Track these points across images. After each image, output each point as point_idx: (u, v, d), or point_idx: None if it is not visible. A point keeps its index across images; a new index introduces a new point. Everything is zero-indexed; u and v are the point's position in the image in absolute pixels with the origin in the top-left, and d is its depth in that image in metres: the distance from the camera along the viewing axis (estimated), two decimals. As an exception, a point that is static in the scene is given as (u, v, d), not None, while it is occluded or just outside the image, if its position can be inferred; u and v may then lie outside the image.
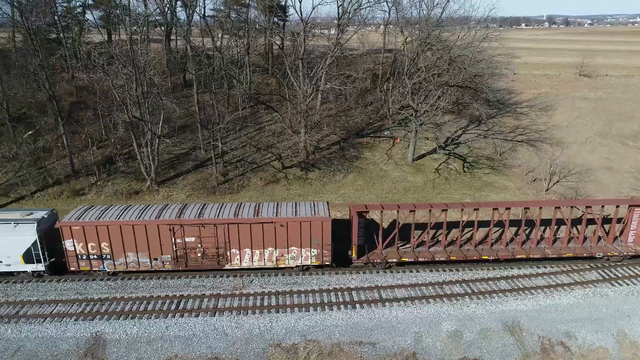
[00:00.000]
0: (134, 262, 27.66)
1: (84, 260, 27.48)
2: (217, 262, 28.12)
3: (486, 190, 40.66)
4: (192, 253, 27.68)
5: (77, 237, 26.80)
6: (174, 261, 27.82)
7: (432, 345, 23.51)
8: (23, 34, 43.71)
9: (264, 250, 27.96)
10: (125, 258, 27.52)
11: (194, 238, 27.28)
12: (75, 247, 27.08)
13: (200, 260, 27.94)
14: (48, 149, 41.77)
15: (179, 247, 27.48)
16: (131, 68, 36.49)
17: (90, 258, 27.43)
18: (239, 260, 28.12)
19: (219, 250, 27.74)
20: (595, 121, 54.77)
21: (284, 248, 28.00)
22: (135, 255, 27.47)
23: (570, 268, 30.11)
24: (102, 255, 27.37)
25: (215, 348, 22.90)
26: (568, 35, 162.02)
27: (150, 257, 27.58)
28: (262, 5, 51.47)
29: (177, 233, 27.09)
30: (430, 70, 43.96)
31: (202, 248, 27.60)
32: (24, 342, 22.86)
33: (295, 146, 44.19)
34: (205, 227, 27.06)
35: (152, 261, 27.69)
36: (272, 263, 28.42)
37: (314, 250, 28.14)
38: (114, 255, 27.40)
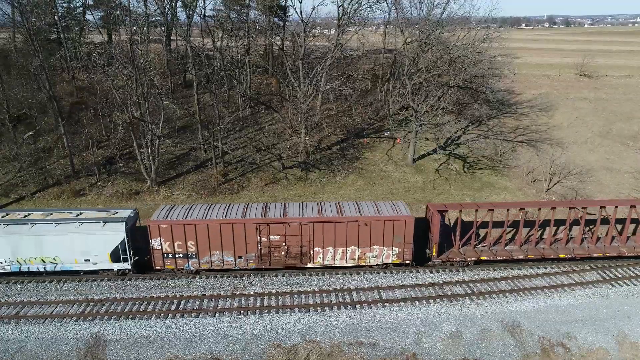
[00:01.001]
0: (218, 261, 28.02)
1: (170, 258, 27.80)
2: (300, 261, 28.49)
3: (486, 191, 40.66)
4: (276, 251, 28.06)
5: (165, 235, 27.11)
6: (258, 259, 28.21)
7: (432, 346, 23.52)
8: (23, 35, 43.72)
9: (346, 248, 28.33)
10: (210, 257, 27.86)
11: (279, 236, 27.65)
12: (162, 246, 27.40)
13: (283, 258, 28.32)
14: (48, 149, 41.79)
15: (263, 246, 27.85)
16: (131, 68, 36.50)
17: (176, 256, 27.75)
18: (321, 258, 28.53)
19: (303, 249, 28.11)
20: (596, 121, 54.77)
21: (367, 247, 28.39)
22: (221, 254, 27.81)
23: (570, 269, 30.11)
24: (187, 254, 27.70)
25: (215, 349, 22.91)
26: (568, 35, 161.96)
27: (235, 256, 27.95)
28: (262, 5, 51.47)
29: (262, 231, 27.48)
30: (431, 70, 43.97)
31: (286, 246, 27.98)
32: (25, 343, 22.88)
33: (296, 146, 44.20)
34: (290, 226, 27.48)
35: (237, 259, 28.09)
36: (354, 261, 28.81)
37: (395, 248, 28.55)
38: (199, 254, 27.72)
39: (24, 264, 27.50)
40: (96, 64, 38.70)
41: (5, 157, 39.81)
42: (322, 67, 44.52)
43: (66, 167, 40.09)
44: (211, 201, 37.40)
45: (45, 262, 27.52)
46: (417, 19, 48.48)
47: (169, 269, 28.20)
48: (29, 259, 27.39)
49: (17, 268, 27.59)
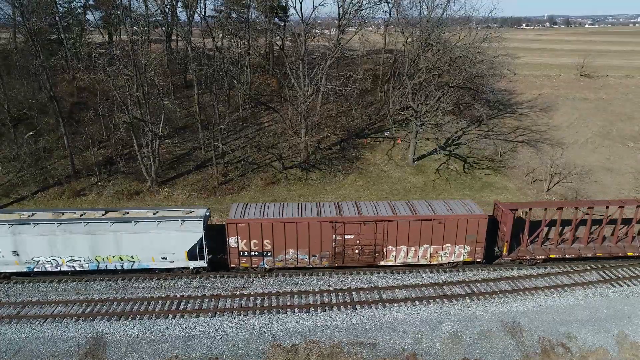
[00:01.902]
0: (292, 259, 28.31)
1: (245, 257, 28.07)
2: (373, 259, 28.74)
3: (486, 191, 40.67)
4: (350, 250, 28.31)
5: (242, 234, 27.37)
6: (331, 258, 28.49)
7: (432, 346, 23.53)
8: (24, 35, 43.73)
9: (419, 247, 28.59)
10: (285, 255, 28.11)
11: (353, 235, 27.91)
12: (238, 244, 27.65)
13: (356, 257, 28.55)
14: (49, 149, 41.82)
15: (338, 244, 28.09)
16: (132, 69, 36.52)
17: (251, 255, 28.03)
18: (393, 257, 28.80)
19: (376, 247, 28.33)
20: (596, 122, 54.74)
21: (439, 245, 28.66)
22: (295, 252, 28.12)
23: (570, 269, 30.11)
24: (263, 252, 27.96)
25: (215, 349, 22.93)
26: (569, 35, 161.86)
27: (309, 254, 28.21)
28: (262, 5, 51.48)
29: (338, 230, 27.72)
30: (431, 71, 43.97)
31: (360, 245, 28.20)
32: (25, 343, 22.90)
33: (296, 147, 44.21)
34: (366, 225, 27.70)
35: (311, 258, 28.36)
36: (426, 260, 29.12)
37: (467, 247, 28.78)
38: (274, 252, 27.99)
39: (102, 262, 27.67)
40: (97, 64, 38.74)
41: (5, 157, 39.84)
42: (323, 67, 44.53)
43: (67, 167, 40.12)
44: (211, 201, 37.42)
45: (123, 261, 27.70)
46: (418, 19, 48.47)
47: (244, 267, 28.53)
48: (108, 257, 27.54)
49: (95, 266, 27.76)
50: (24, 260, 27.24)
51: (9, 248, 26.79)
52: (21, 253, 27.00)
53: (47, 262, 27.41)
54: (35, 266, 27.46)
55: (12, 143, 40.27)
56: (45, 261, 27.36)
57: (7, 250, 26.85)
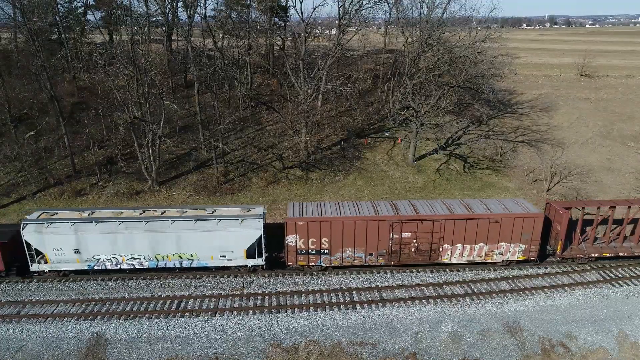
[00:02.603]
0: (349, 257, 28.43)
1: (303, 255, 28.20)
2: (428, 257, 28.91)
3: (487, 191, 40.66)
4: (406, 248, 28.49)
5: (301, 232, 27.48)
6: (388, 256, 28.62)
7: (432, 346, 23.53)
8: (25, 35, 43.79)
9: (474, 245, 28.70)
10: (342, 253, 28.26)
11: (410, 233, 28.07)
12: (296, 242, 27.76)
13: (412, 255, 28.72)
14: (49, 149, 41.86)
15: (394, 243, 28.24)
16: (132, 68, 36.56)
17: (309, 253, 28.14)
18: (449, 255, 28.93)
19: (432, 246, 28.48)
20: (596, 122, 54.74)
21: (494, 243, 28.76)
22: (352, 250, 28.26)
23: (570, 269, 30.10)
24: (321, 251, 28.06)
25: (215, 348, 22.94)
26: (569, 35, 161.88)
27: (366, 252, 28.35)
28: (263, 5, 51.52)
29: (395, 229, 27.85)
30: (431, 70, 43.98)
31: (416, 243, 28.36)
32: (26, 342, 22.94)
33: (296, 146, 44.22)
34: (423, 223, 27.85)
35: (367, 256, 28.48)
36: (480, 258, 29.26)
37: (521, 245, 28.87)
38: (332, 251, 28.10)
39: (161, 260, 27.77)
40: (97, 64, 38.77)
41: (6, 157, 39.85)
42: (323, 67, 44.56)
43: (67, 167, 40.16)
44: (212, 201, 37.46)
45: (183, 259, 27.80)
46: (418, 19, 48.51)
47: (301, 265, 28.65)
48: (167, 256, 27.65)
49: (155, 264, 27.88)
50: (85, 258, 27.44)
51: (70, 246, 26.97)
52: (82, 251, 27.18)
53: (107, 260, 27.60)
54: (96, 264, 27.65)
55: (12, 143, 40.31)
56: (105, 259, 27.55)
57: (69, 248, 27.03)
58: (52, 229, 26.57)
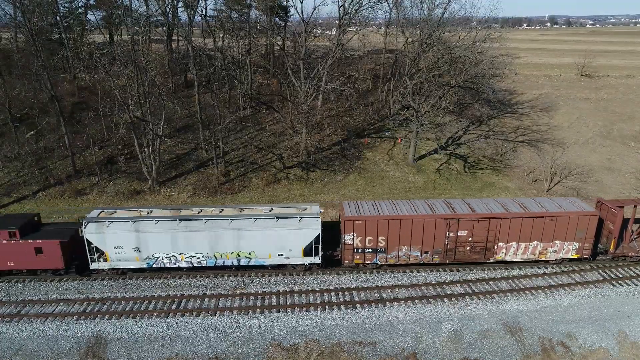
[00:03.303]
0: (405, 255, 28.61)
1: (359, 253, 28.29)
2: (483, 256, 29.01)
3: (487, 191, 40.68)
4: (462, 246, 28.61)
5: (358, 231, 27.61)
6: (443, 254, 28.74)
7: (432, 346, 23.53)
8: (25, 35, 43.83)
9: (529, 243, 28.80)
10: (397, 251, 28.42)
11: (466, 232, 28.21)
12: (353, 241, 27.83)
13: (468, 253, 28.84)
14: (50, 149, 41.90)
15: (450, 241, 28.38)
16: (133, 68, 36.61)
17: (365, 251, 28.25)
18: (503, 253, 29.02)
19: (488, 244, 28.59)
20: (597, 122, 54.75)
21: (549, 241, 28.85)
22: (408, 249, 28.42)
23: (571, 268, 30.10)
24: (377, 249, 28.21)
25: (216, 348, 22.95)
26: (570, 35, 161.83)
27: (422, 250, 28.51)
28: (263, 5, 51.53)
29: (452, 227, 28.00)
30: (431, 70, 44.00)
31: (472, 241, 28.47)
32: (26, 342, 22.95)
33: (296, 146, 44.25)
34: (479, 222, 27.99)
35: (423, 254, 28.61)
36: (534, 256, 29.31)
37: (575, 243, 29.00)
38: (388, 249, 28.26)
39: (220, 258, 27.90)
40: (98, 63, 38.84)
41: (7, 157, 39.90)
42: (323, 67, 44.57)
43: (67, 167, 40.19)
44: (212, 201, 37.47)
45: (241, 257, 27.93)
46: (418, 19, 48.52)
47: (357, 263, 28.76)
48: (226, 254, 27.77)
49: (213, 262, 27.98)
50: (145, 257, 27.56)
51: (131, 244, 27.10)
52: (143, 249, 27.29)
53: (166, 259, 27.71)
54: (155, 262, 27.76)
55: (13, 142, 40.37)
56: (164, 257, 27.66)
57: (130, 246, 27.15)
58: (113, 228, 26.74)
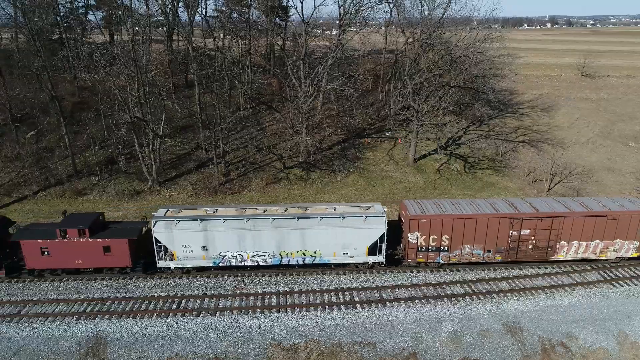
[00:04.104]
0: (467, 254, 28.85)
1: (422, 252, 28.63)
2: (545, 254, 29.22)
3: (487, 191, 40.68)
4: (524, 245, 28.80)
5: (423, 229, 27.94)
6: (505, 253, 28.93)
7: (432, 346, 23.52)
8: (26, 35, 43.90)
9: (590, 242, 29.00)
10: (460, 250, 28.64)
11: (529, 231, 28.38)
12: (417, 239, 28.11)
13: (529, 252, 29.05)
14: (50, 149, 41.93)
15: (513, 240, 28.57)
16: (133, 68, 36.62)
17: (428, 250, 28.57)
18: (564, 252, 29.26)
19: (550, 243, 28.83)
20: (597, 122, 54.72)
21: (610, 240, 29.05)
22: (471, 247, 28.68)
23: (571, 269, 30.09)
24: (440, 247, 28.48)
25: (216, 348, 22.96)
26: (570, 35, 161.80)
27: (484, 249, 28.69)
28: (263, 5, 51.55)
29: (515, 226, 28.17)
30: (432, 71, 44.00)
31: (534, 240, 28.69)
32: (26, 341, 22.96)
33: (297, 146, 44.26)
34: (542, 221, 28.22)
35: (485, 253, 28.81)
36: (595, 255, 29.51)
37: (636, 242, 29.18)
38: (451, 247, 28.51)
39: (285, 257, 28.16)
40: (98, 64, 38.84)
41: (7, 157, 39.94)
42: (323, 67, 44.58)
43: (68, 167, 40.22)
44: (212, 201, 37.47)
45: (306, 256, 28.20)
46: (419, 19, 48.53)
47: (419, 262, 29.04)
48: (292, 253, 28.02)
49: (278, 261, 28.24)
50: (211, 255, 27.75)
51: (199, 243, 27.33)
52: (210, 248, 27.49)
53: (232, 257, 27.91)
54: (221, 261, 27.93)
55: (13, 142, 40.39)
56: (231, 256, 27.86)
57: (197, 245, 27.37)
58: (181, 226, 26.89)
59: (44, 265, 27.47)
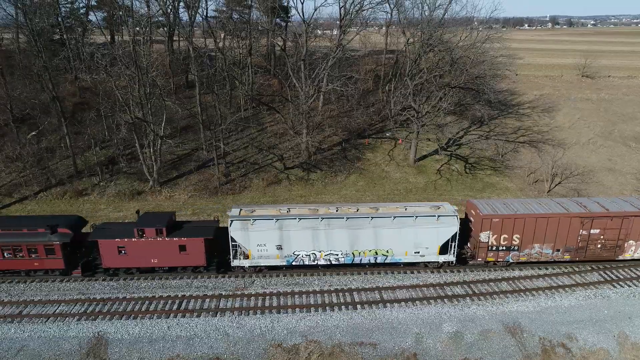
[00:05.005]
0: (537, 253, 29.13)
1: (492, 251, 28.87)
2: (613, 254, 29.42)
3: (488, 191, 40.68)
4: (592, 244, 29.07)
5: (494, 229, 28.23)
6: (574, 252, 29.20)
7: (432, 347, 23.54)
8: (27, 35, 43.97)
9: None
10: (530, 249, 28.94)
11: (598, 230, 28.65)
12: (489, 239, 28.36)
13: (598, 251, 29.32)
14: (51, 149, 41.99)
15: (582, 239, 28.86)
16: (134, 69, 36.67)
17: (498, 249, 28.81)
18: (632, 251, 29.50)
19: (618, 242, 29.10)
20: (598, 122, 54.70)
21: None
22: (541, 247, 28.93)
23: (571, 269, 30.10)
24: (510, 247, 28.71)
25: (216, 348, 22.99)
26: (571, 35, 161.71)
27: (554, 248, 28.99)
28: (264, 6, 51.59)
29: (585, 225, 28.43)
30: (432, 71, 44.03)
31: (603, 239, 28.96)
32: (27, 342, 23.00)
33: (297, 147, 44.30)
34: (612, 220, 28.48)
35: (554, 252, 29.11)
36: None
37: None
38: (521, 246, 28.78)
39: (357, 256, 28.35)
40: (99, 64, 38.90)
41: (8, 157, 40.01)
42: (324, 67, 44.62)
43: (69, 167, 40.28)
44: (213, 201, 37.51)
45: (378, 255, 28.41)
46: (419, 19, 48.54)
47: (489, 261, 29.30)
48: (364, 252, 28.21)
49: (350, 260, 28.44)
50: (285, 254, 27.94)
51: (274, 242, 27.53)
52: (285, 247, 27.68)
53: (306, 256, 28.11)
54: (295, 260, 28.12)
55: (14, 143, 40.45)
56: (304, 255, 28.06)
57: (273, 244, 27.55)
58: (257, 226, 27.06)
59: (120, 264, 27.67)
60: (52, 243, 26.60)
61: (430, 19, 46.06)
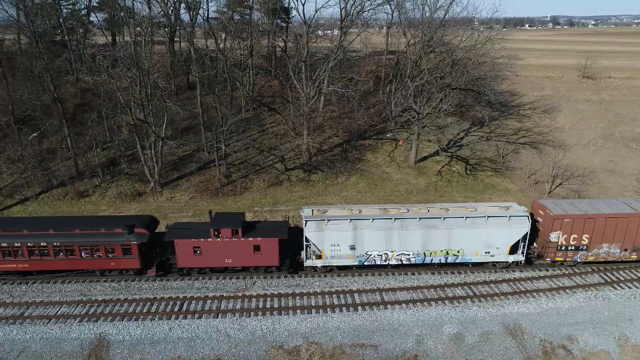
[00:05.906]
0: (605, 253, 29.59)
1: (562, 251, 29.28)
2: None
3: (488, 193, 40.71)
4: None
5: (565, 229, 28.68)
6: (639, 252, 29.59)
7: (433, 348, 23.59)
8: (28, 37, 44.05)
9: None
10: (598, 249, 29.41)
11: None
12: (559, 239, 28.82)
13: None
14: (52, 150, 42.08)
15: None
16: (135, 70, 36.73)
17: (567, 249, 29.24)
18: None
19: None
20: (598, 123, 54.69)
21: None
22: (609, 246, 29.40)
23: (572, 271, 30.13)
24: (579, 246, 29.20)
25: (218, 350, 23.06)
26: (572, 36, 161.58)
27: (622, 248, 29.48)
28: (265, 7, 51.65)
29: None
30: (433, 72, 44.04)
31: None
32: (29, 343, 23.09)
33: (298, 148, 44.35)
34: None
35: (622, 252, 29.58)
36: None
37: None
38: (590, 246, 29.23)
39: (429, 256, 28.76)
40: (100, 65, 38.96)
41: (10, 158, 40.09)
42: (325, 69, 44.66)
43: (70, 169, 40.35)
44: (214, 202, 37.56)
45: (449, 255, 28.84)
46: (420, 20, 48.55)
47: (557, 260, 29.72)
48: (435, 251, 28.59)
49: (422, 260, 28.89)
50: (358, 254, 28.24)
51: (347, 242, 27.90)
52: (358, 247, 27.96)
53: (378, 256, 28.43)
54: (367, 260, 28.45)
55: (16, 144, 40.54)
56: (376, 255, 28.38)
57: (346, 244, 27.90)
58: (332, 226, 27.39)
59: (195, 264, 27.94)
60: (129, 243, 26.95)
61: (431, 20, 46.06)
